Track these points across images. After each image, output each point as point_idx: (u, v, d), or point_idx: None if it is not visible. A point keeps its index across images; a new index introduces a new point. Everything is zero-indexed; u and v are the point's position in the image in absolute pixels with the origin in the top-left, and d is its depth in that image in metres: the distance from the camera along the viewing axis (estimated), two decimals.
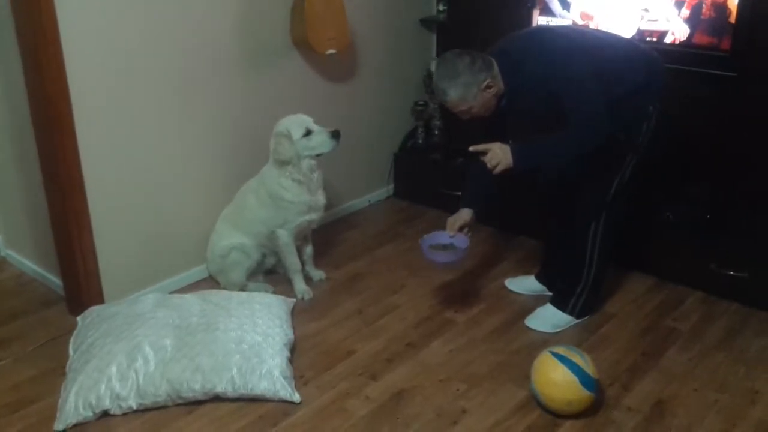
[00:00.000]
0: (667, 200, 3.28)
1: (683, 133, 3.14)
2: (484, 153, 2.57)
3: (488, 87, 2.54)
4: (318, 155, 3.04)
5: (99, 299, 2.97)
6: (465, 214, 2.79)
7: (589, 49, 2.56)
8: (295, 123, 3.00)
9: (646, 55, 2.68)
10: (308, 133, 2.99)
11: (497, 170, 2.54)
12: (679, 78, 2.93)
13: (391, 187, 4.26)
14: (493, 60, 2.57)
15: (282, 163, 3.00)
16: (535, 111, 2.67)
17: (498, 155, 2.53)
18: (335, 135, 3.01)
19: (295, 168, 3.01)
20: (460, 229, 2.78)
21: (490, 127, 2.72)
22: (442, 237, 2.84)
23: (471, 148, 2.60)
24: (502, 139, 2.59)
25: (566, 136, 2.52)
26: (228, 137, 3.28)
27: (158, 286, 3.15)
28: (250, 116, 3.33)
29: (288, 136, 2.97)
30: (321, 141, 3.01)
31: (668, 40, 3.15)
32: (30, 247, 3.33)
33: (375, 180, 4.17)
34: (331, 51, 3.41)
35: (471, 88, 2.52)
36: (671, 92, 2.71)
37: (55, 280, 3.17)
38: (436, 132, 4.16)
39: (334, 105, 3.69)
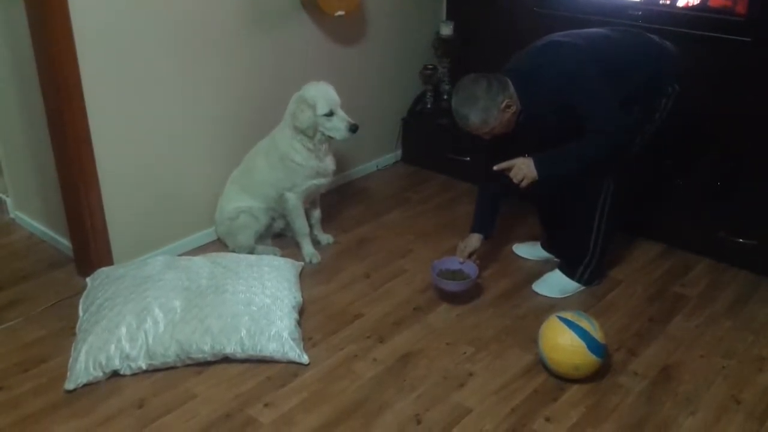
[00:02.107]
0: (677, 167, 3.25)
1: (694, 101, 3.10)
2: (508, 170, 2.63)
3: (507, 107, 2.57)
4: (328, 137, 3.02)
5: (108, 261, 2.99)
6: (475, 241, 2.88)
7: (597, 53, 2.58)
8: (324, 98, 2.96)
9: (656, 45, 2.70)
10: (331, 114, 2.96)
11: (523, 184, 2.62)
12: (692, 43, 2.89)
13: (400, 152, 4.24)
14: (508, 79, 2.58)
15: (297, 130, 2.99)
16: (548, 122, 2.69)
17: (522, 170, 2.60)
18: (352, 129, 2.98)
19: (306, 137, 3.00)
20: (470, 256, 2.86)
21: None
22: (452, 263, 2.90)
23: (495, 167, 2.66)
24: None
25: (586, 143, 2.56)
26: (236, 99, 3.26)
27: (167, 249, 3.16)
28: (259, 78, 3.31)
29: (313, 108, 2.94)
30: (337, 128, 2.98)
31: (681, 3, 3.10)
32: (39, 209, 3.34)
33: (383, 145, 4.15)
34: (340, 12, 3.37)
35: (491, 111, 2.55)
36: (690, 77, 2.70)
37: (64, 242, 3.18)
38: (445, 96, 4.11)
39: (342, 68, 3.65)
